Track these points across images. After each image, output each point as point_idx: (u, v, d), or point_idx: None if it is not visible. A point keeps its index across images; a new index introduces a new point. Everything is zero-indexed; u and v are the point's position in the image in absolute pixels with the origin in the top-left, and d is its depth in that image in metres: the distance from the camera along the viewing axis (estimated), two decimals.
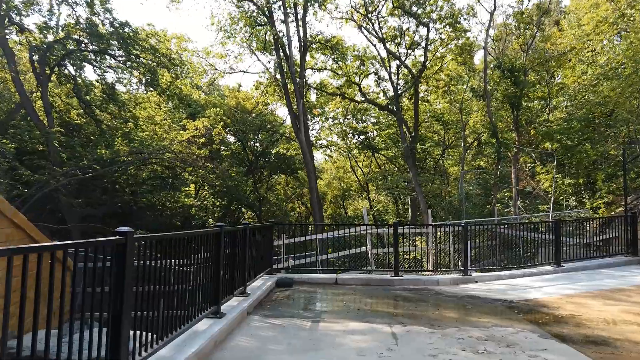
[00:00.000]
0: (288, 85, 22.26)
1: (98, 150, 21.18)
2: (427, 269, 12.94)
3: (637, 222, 12.83)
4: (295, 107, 21.55)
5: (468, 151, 28.43)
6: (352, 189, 40.82)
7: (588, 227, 13.78)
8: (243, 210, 39.45)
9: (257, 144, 35.90)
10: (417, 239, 15.61)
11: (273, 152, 31.94)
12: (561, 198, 18.56)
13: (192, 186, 32.40)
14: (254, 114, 32.88)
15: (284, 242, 12.80)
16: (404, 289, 9.51)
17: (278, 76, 22.42)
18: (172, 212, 34.88)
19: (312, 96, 31.73)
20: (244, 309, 6.79)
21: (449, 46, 27.18)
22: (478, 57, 33.81)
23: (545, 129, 19.70)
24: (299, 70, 22.27)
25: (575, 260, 12.19)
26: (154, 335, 4.20)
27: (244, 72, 24.33)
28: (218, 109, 26.52)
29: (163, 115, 24.84)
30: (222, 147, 34.12)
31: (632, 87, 16.29)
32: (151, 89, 21.36)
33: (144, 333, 4.03)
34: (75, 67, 20.58)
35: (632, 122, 16.69)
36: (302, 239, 12.81)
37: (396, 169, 30.90)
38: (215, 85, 35.79)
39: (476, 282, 10.38)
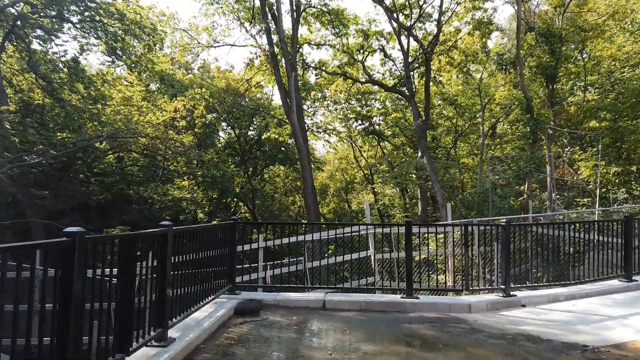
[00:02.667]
0: (278, 56, 19.10)
1: (59, 134, 18.22)
2: (448, 286, 9.86)
3: None
4: (286, 82, 18.42)
5: (485, 139, 25.15)
6: (355, 181, 37.74)
7: None
8: (240, 204, 36.62)
9: (252, 132, 32.90)
10: (432, 240, 12.58)
11: (263, 137, 28.77)
12: (604, 190, 15.40)
13: (186, 178, 29.61)
14: (247, 98, 29.83)
15: (260, 245, 9.77)
16: (422, 320, 6.47)
17: (267, 46, 19.23)
18: (162, 206, 32.18)
19: (311, 77, 28.60)
20: None
21: (465, 19, 23.99)
22: (492, 40, 30.55)
23: (589, 104, 16.45)
24: (290, 40, 19.15)
25: None
26: None
27: (232, 45, 21.30)
28: (204, 89, 23.42)
29: (140, 96, 21.80)
30: (214, 134, 31.23)
31: None
32: (114, 58, 18.28)
33: None
34: (29, 36, 17.59)
35: None
36: (284, 240, 9.73)
37: (405, 158, 27.64)
38: (205, 67, 32.77)
39: (524, 306, 7.34)
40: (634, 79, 15.84)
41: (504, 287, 7.50)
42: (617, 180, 16.09)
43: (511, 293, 7.47)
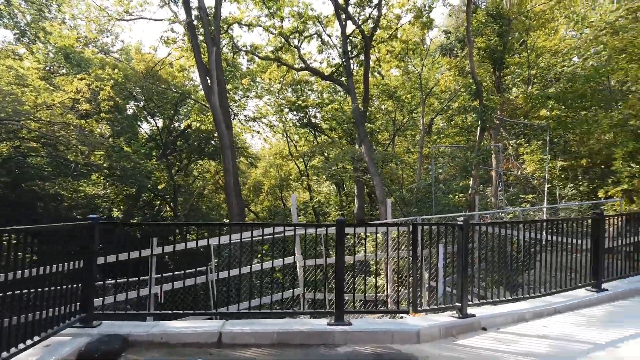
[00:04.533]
0: (197, 28, 16.61)
1: None
2: (389, 301, 8.12)
3: None
4: (207, 59, 15.95)
5: (425, 135, 24.04)
6: (291, 177, 35.76)
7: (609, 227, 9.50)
8: (165, 201, 33.55)
9: (177, 123, 29.97)
10: (369, 242, 10.84)
11: (183, 125, 26.05)
12: (549, 186, 14.48)
13: (100, 171, 26.21)
14: (172, 86, 26.97)
15: (152, 253, 7.50)
16: (356, 358, 4.62)
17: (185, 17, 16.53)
18: (72, 204, 28.72)
19: (243, 66, 26.34)
20: None
21: (407, 6, 22.74)
22: (434, 31, 29.77)
23: (540, 92, 15.49)
24: (213, 10, 16.78)
25: (615, 279, 7.85)
26: None
27: (148, 19, 18.56)
28: (116, 70, 20.41)
29: (36, 75, 18.44)
30: (132, 123, 28.09)
31: None
32: None
33: None
34: None
35: None
36: (183, 245, 7.53)
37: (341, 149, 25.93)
38: (125, 49, 29.45)
39: (484, 329, 5.71)
40: (585, 68, 15.12)
41: (459, 304, 5.82)
42: (563, 175, 15.31)
43: (468, 312, 5.81)
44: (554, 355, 4.77)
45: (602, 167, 13.93)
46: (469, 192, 15.26)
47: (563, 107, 15.13)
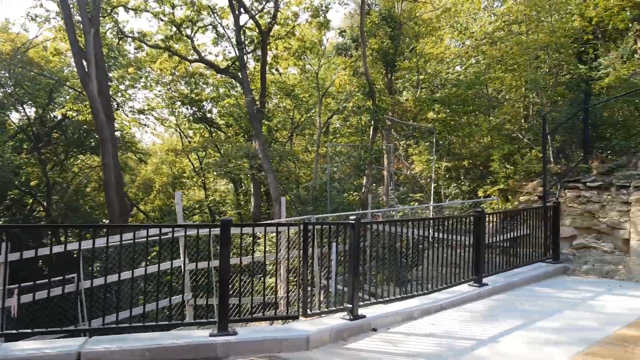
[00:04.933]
0: (73, 7, 14.84)
1: None
2: (279, 305, 7.80)
3: (559, 216, 9.57)
4: (83, 40, 14.26)
5: (321, 134, 24.26)
6: (185, 175, 34.06)
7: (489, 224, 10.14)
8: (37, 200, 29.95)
9: (54, 113, 26.92)
10: (263, 241, 10.41)
11: (57, 113, 23.52)
12: (435, 185, 15.30)
13: None
14: (47, 72, 24.13)
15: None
16: None
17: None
18: None
19: (130, 49, 24.41)
20: None
21: (304, 4, 22.70)
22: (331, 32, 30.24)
23: (428, 97, 16.32)
24: None
25: (493, 273, 8.28)
26: None
27: None
28: None
29: None
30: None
31: (536, 43, 13.47)
32: None
33: None
34: None
35: (535, 89, 13.98)
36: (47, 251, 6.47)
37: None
38: None
39: (375, 330, 5.62)
40: (467, 75, 16.29)
41: (350, 306, 5.64)
42: (447, 175, 16.31)
43: (359, 313, 5.66)
44: (440, 354, 4.76)
45: (482, 168, 15.10)
46: (362, 190, 15.62)
47: (448, 110, 16.16)
